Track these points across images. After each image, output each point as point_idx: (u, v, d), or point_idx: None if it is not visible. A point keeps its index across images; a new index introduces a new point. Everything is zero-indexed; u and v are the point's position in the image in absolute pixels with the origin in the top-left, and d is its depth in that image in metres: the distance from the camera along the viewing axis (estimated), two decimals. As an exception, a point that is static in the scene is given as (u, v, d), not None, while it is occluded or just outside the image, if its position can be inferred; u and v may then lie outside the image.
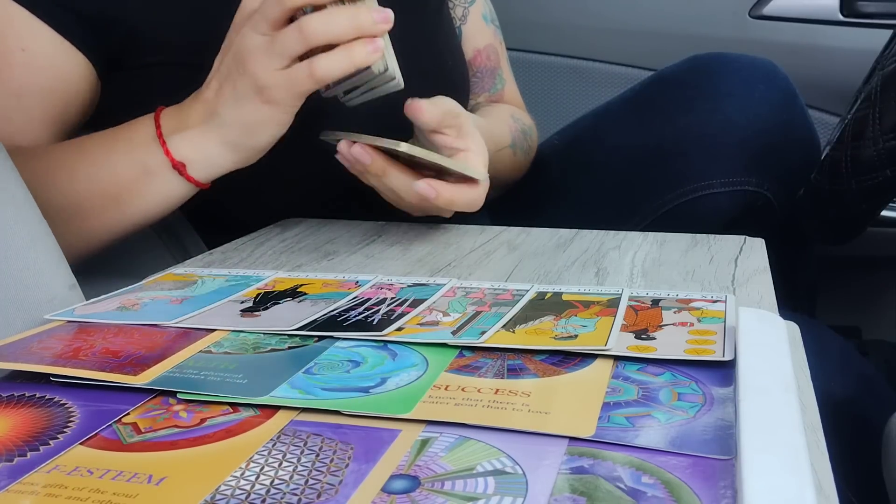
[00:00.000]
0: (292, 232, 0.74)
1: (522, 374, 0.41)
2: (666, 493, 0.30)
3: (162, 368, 0.42)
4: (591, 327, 0.46)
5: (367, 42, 0.58)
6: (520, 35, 1.40)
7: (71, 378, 0.41)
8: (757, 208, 0.87)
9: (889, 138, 0.75)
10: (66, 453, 0.35)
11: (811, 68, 1.29)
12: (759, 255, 0.62)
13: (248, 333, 0.47)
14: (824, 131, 1.16)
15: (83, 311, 0.51)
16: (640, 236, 0.68)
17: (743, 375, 0.37)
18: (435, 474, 0.32)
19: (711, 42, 1.28)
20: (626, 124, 0.94)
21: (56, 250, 0.52)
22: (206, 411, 0.38)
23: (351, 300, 0.52)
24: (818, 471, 0.32)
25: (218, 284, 0.57)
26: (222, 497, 0.31)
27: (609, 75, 1.41)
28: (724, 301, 0.50)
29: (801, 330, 0.46)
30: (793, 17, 1.33)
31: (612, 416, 0.36)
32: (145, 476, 0.32)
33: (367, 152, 0.64)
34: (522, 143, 0.93)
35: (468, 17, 0.96)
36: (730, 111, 0.85)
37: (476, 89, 0.96)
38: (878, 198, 0.81)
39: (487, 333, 0.45)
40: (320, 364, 0.42)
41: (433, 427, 0.36)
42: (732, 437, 0.34)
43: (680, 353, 0.42)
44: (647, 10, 1.39)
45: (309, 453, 0.34)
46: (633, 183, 0.91)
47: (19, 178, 0.53)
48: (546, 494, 0.30)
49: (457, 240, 0.69)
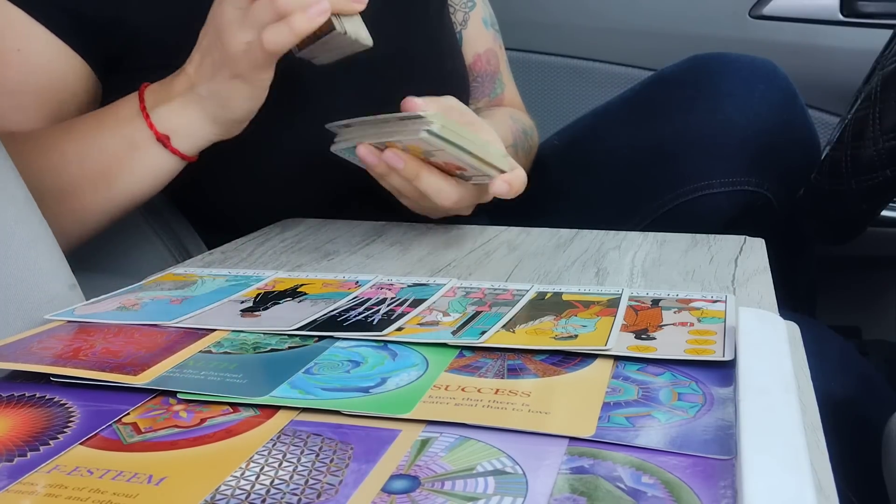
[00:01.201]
0: (292, 232, 0.74)
1: (522, 374, 0.41)
2: (666, 493, 0.30)
3: (162, 368, 0.42)
4: (591, 327, 0.46)
5: (304, 9, 0.58)
6: (520, 35, 1.40)
7: (71, 378, 0.41)
8: (757, 208, 0.87)
9: (889, 138, 0.75)
10: (66, 453, 0.35)
11: (811, 68, 1.29)
12: (759, 255, 0.62)
13: (248, 333, 0.47)
14: (824, 131, 1.16)
15: (83, 311, 0.51)
16: (640, 236, 0.68)
17: (743, 375, 0.37)
18: (435, 474, 0.32)
19: (711, 42, 1.28)
20: (626, 124, 0.94)
21: (56, 250, 0.52)
22: (206, 411, 0.38)
23: (351, 300, 0.52)
24: (818, 471, 0.32)
25: (218, 284, 0.57)
26: (222, 497, 0.31)
27: (609, 75, 1.41)
28: (724, 301, 0.50)
29: (801, 330, 0.46)
30: (793, 17, 1.33)
31: (612, 416, 0.36)
32: (145, 476, 0.32)
33: (399, 156, 0.63)
34: (524, 143, 0.93)
35: (468, 21, 0.96)
36: (730, 111, 0.85)
37: (476, 94, 0.96)
38: (878, 198, 0.81)
39: (487, 333, 0.45)
40: (320, 364, 0.42)
41: (433, 427, 0.36)
42: (732, 437, 0.34)
43: (680, 353, 0.42)
44: (647, 10, 1.39)
45: (309, 453, 0.34)
46: (633, 183, 0.91)
47: (20, 178, 0.53)
48: (546, 494, 0.30)
49: (457, 240, 0.69)
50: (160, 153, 0.65)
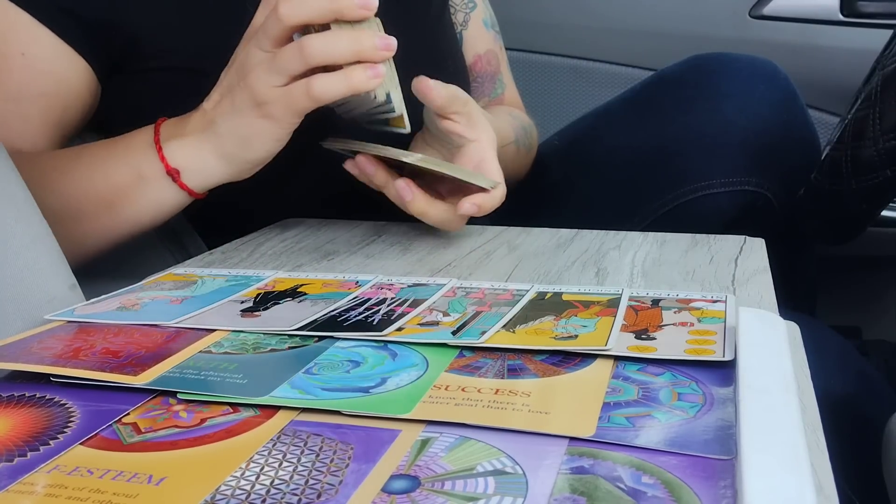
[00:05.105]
0: (292, 232, 0.74)
1: (522, 374, 0.41)
2: (666, 493, 0.30)
3: (162, 368, 0.42)
4: (591, 327, 0.46)
5: (367, 67, 0.58)
6: (520, 35, 1.40)
7: (71, 378, 0.41)
8: (757, 208, 0.87)
9: (889, 138, 0.75)
10: (66, 453, 0.35)
11: (811, 68, 1.29)
12: (759, 255, 0.62)
13: (248, 333, 0.47)
14: (824, 131, 1.16)
15: (83, 311, 0.51)
16: (640, 236, 0.68)
17: (743, 375, 0.37)
18: (435, 474, 0.32)
19: (711, 42, 1.28)
20: (627, 124, 0.95)
21: (56, 250, 0.52)
22: (206, 411, 0.38)
23: (351, 300, 0.52)
24: (818, 470, 0.32)
25: (218, 284, 0.57)
26: (222, 497, 0.31)
27: (609, 75, 1.41)
28: (724, 301, 0.50)
29: (801, 330, 0.46)
30: (793, 17, 1.33)
31: (612, 416, 0.36)
32: (145, 476, 0.32)
33: (371, 163, 0.65)
34: (524, 139, 0.93)
35: (469, 22, 0.96)
36: (730, 111, 0.85)
37: (476, 94, 0.96)
38: (879, 198, 0.81)
39: (487, 333, 0.45)
40: (320, 364, 0.42)
41: (433, 427, 0.36)
42: (732, 437, 0.34)
43: (680, 353, 0.42)
44: (647, 10, 1.39)
45: (309, 453, 0.34)
46: (634, 183, 0.91)
47: (19, 178, 0.53)
48: (546, 494, 0.30)
49: (457, 240, 0.69)
50: (168, 187, 0.64)
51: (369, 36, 0.57)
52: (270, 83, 0.59)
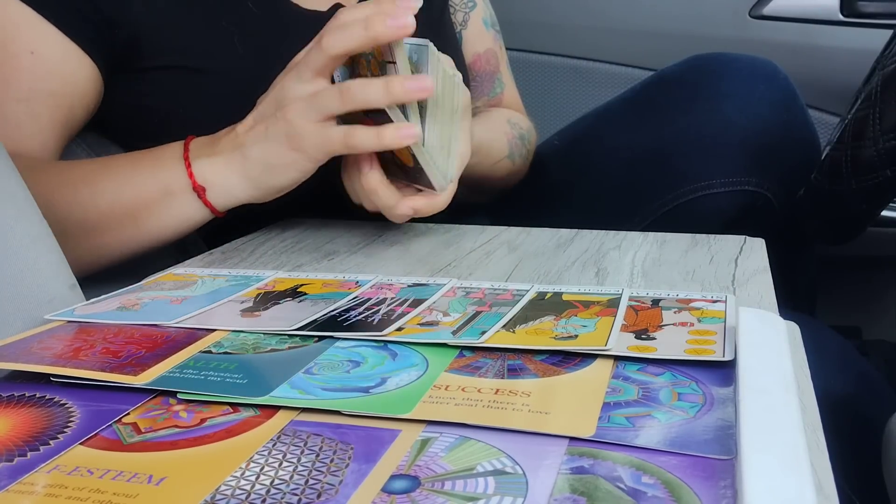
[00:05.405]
0: (292, 232, 0.74)
1: (522, 374, 0.41)
2: (666, 493, 0.30)
3: (162, 368, 0.42)
4: (591, 327, 0.46)
5: (397, 128, 0.59)
6: (520, 35, 1.40)
7: (71, 378, 0.41)
8: (757, 208, 0.87)
9: (889, 138, 0.75)
10: (66, 453, 0.35)
11: (811, 68, 1.29)
12: (759, 255, 0.62)
13: (248, 333, 0.47)
14: (824, 131, 1.16)
15: (83, 311, 0.51)
16: (640, 236, 0.68)
17: (743, 375, 0.37)
18: (435, 474, 0.32)
19: (711, 42, 1.28)
20: (626, 124, 0.95)
21: (56, 250, 0.52)
22: (206, 411, 0.38)
23: (351, 300, 0.52)
24: (818, 470, 0.32)
25: (218, 284, 0.57)
26: (222, 497, 0.31)
27: (609, 75, 1.41)
28: (725, 301, 0.50)
29: (801, 330, 0.46)
30: (793, 17, 1.33)
31: (612, 416, 0.36)
32: (145, 476, 0.32)
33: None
34: (520, 149, 0.93)
35: (468, 21, 0.96)
36: (730, 111, 0.85)
37: (475, 93, 0.96)
38: (878, 198, 0.81)
39: (487, 333, 0.45)
40: (320, 364, 0.42)
41: (433, 427, 0.36)
42: (732, 437, 0.34)
43: (680, 353, 0.42)
44: (647, 10, 1.39)
45: (309, 453, 0.34)
46: (634, 183, 0.91)
47: (19, 177, 0.53)
48: (546, 494, 0.30)
49: (457, 240, 0.69)
50: (192, 202, 0.65)
51: (399, 81, 0.58)
52: (307, 118, 0.60)
